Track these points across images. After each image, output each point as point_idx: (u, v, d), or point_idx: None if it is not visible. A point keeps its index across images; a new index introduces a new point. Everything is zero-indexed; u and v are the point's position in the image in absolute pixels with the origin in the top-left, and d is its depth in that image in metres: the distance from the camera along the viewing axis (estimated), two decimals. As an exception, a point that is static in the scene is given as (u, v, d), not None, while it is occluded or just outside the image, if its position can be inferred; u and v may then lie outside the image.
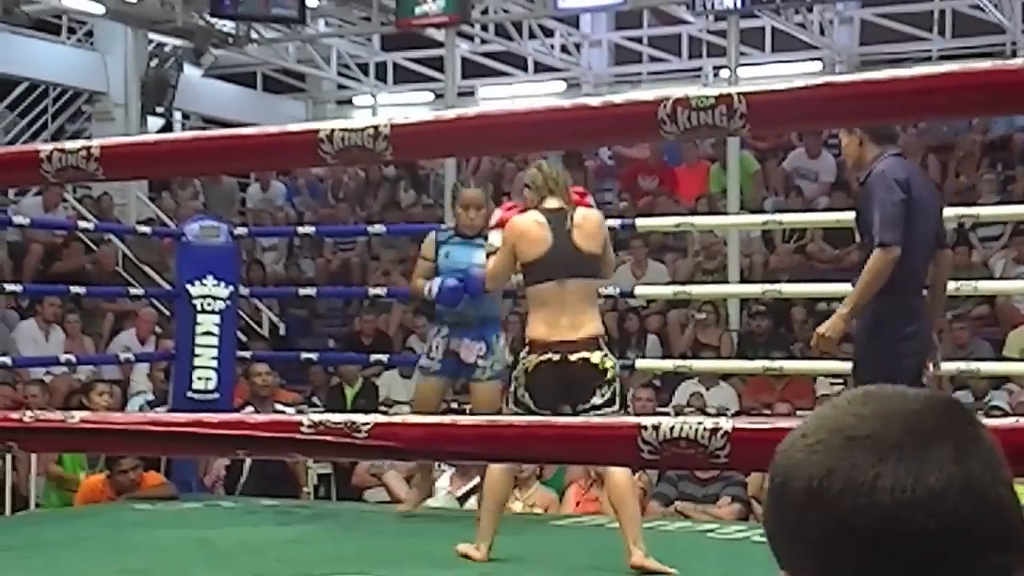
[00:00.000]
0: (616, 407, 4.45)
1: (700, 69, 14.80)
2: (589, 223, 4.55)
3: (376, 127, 1.84)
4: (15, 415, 2.09)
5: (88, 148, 2.01)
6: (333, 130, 1.86)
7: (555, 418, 3.51)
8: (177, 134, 10.39)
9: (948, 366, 5.51)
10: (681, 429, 1.69)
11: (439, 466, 6.78)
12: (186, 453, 4.42)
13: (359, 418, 1.85)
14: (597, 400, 4.43)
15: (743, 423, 1.73)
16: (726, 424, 1.70)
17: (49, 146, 2.05)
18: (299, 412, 6.48)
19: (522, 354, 4.52)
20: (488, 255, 4.79)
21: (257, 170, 11.82)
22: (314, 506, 6.48)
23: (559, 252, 4.46)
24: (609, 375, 4.43)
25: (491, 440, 1.86)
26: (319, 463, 7.26)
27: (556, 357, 4.39)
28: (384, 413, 5.45)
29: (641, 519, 4.60)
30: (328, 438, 1.80)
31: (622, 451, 1.79)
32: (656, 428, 1.70)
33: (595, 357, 4.41)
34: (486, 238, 5.29)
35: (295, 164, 7.55)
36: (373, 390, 9.11)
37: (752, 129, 1.72)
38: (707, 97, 1.66)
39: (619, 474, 4.45)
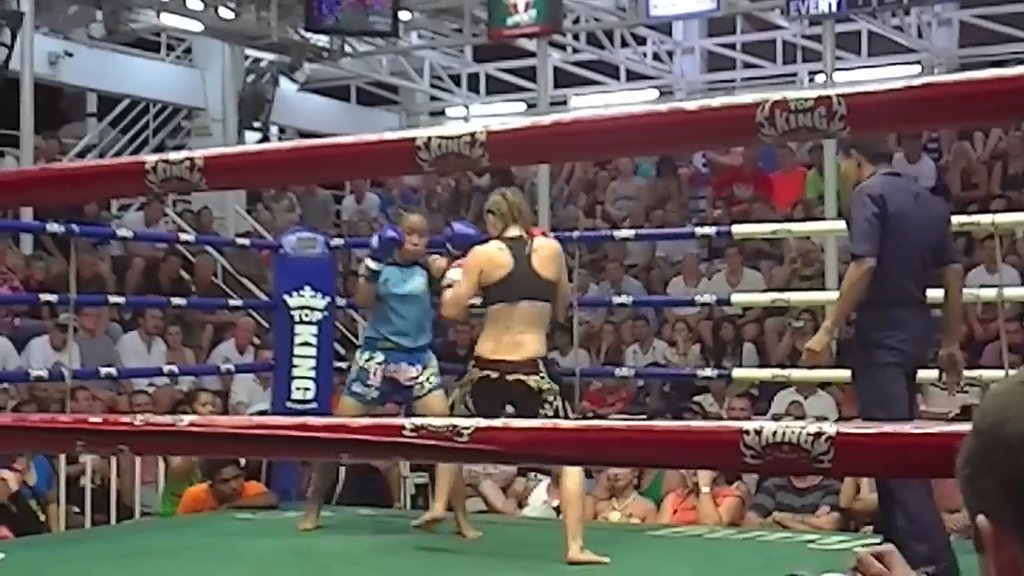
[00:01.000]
0: None
1: (795, 75, 14.62)
2: (547, 250, 4.86)
3: (472, 134, 1.85)
4: (126, 418, 2.13)
5: (192, 159, 2.05)
6: (430, 138, 1.88)
7: (657, 422, 3.52)
8: (277, 144, 10.52)
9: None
10: (784, 434, 1.67)
11: (535, 476, 6.79)
12: (292, 456, 4.48)
13: (461, 422, 1.86)
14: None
15: (847, 427, 1.70)
16: (830, 428, 1.67)
17: (154, 157, 2.09)
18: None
19: (470, 364, 4.87)
20: (447, 287, 5.02)
21: (356, 178, 11.91)
22: (411, 515, 6.52)
23: (518, 276, 4.79)
24: (545, 396, 4.70)
25: (593, 444, 1.86)
26: (416, 472, 7.29)
27: (495, 375, 4.73)
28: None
29: (582, 520, 4.88)
30: (430, 441, 1.81)
31: (724, 455, 1.78)
32: (759, 432, 1.69)
33: (531, 381, 4.71)
34: (422, 266, 5.61)
35: (393, 172, 7.62)
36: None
37: (852, 131, 1.69)
38: (806, 99, 1.65)
39: (570, 480, 4.75)
